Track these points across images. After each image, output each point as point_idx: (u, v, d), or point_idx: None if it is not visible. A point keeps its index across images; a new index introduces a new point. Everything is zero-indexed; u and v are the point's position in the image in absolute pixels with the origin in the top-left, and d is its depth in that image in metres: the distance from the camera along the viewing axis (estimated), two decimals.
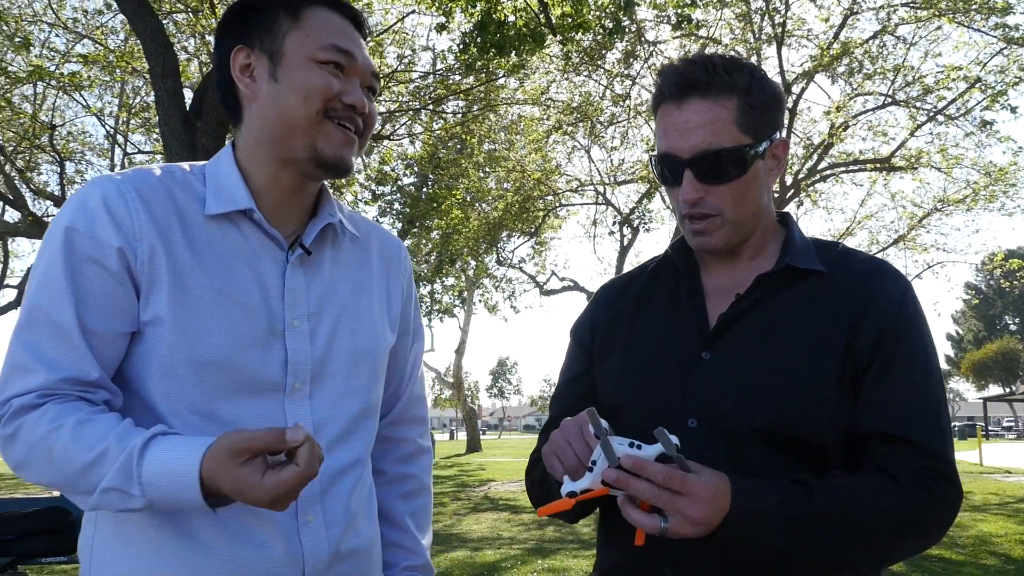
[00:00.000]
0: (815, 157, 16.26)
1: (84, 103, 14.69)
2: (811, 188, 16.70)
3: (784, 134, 1.43)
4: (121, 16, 8.22)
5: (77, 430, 1.14)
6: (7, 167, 15.15)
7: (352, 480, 1.37)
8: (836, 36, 14.66)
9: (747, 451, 1.30)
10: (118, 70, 13.04)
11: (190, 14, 11.80)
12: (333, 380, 1.35)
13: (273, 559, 1.25)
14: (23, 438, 1.16)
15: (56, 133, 14.58)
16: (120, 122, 16.15)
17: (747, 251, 1.45)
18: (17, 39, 12.49)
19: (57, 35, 13.96)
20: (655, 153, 1.41)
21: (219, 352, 1.24)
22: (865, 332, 1.32)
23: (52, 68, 12.35)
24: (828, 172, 17.07)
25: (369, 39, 1.43)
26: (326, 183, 1.45)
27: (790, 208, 17.56)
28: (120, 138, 16.55)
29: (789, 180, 15.81)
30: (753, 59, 15.45)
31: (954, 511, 1.30)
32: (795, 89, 15.20)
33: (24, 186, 15.49)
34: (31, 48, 12.68)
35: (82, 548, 1.30)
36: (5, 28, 12.39)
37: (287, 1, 1.33)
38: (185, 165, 1.36)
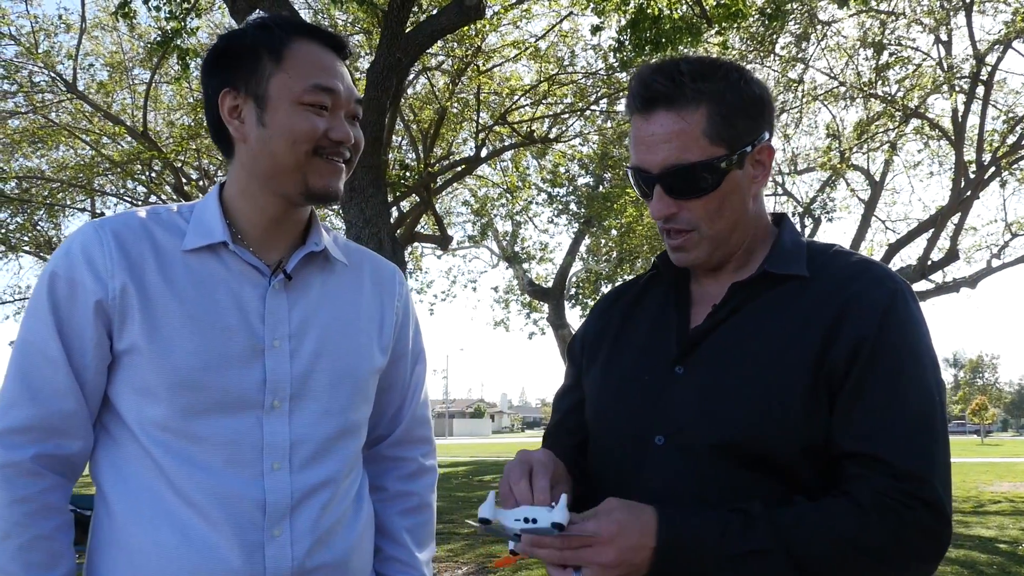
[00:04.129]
0: (1018, 131, 14.86)
1: None
2: (1015, 166, 15.27)
3: (769, 136, 1.34)
4: None
5: (18, 552, 1.32)
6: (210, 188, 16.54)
7: (324, 498, 1.42)
8: None
9: (711, 469, 1.25)
10: None
11: (363, 35, 12.45)
12: (313, 399, 1.43)
13: (230, 571, 1.33)
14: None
15: None
16: None
17: (732, 263, 1.39)
18: None
19: None
20: (629, 166, 1.37)
21: (190, 373, 1.34)
22: (843, 340, 1.23)
23: None
24: None
25: (349, 62, 1.50)
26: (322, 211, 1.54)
27: (992, 189, 16.17)
28: None
29: (988, 158, 14.55)
30: (941, 31, 14.37)
31: (933, 539, 1.18)
32: (990, 59, 13.96)
33: None
34: None
35: (86, 552, 1.46)
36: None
37: (269, 42, 1.40)
38: (174, 206, 1.49)
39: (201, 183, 16.22)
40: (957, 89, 14.06)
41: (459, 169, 14.81)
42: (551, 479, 1.23)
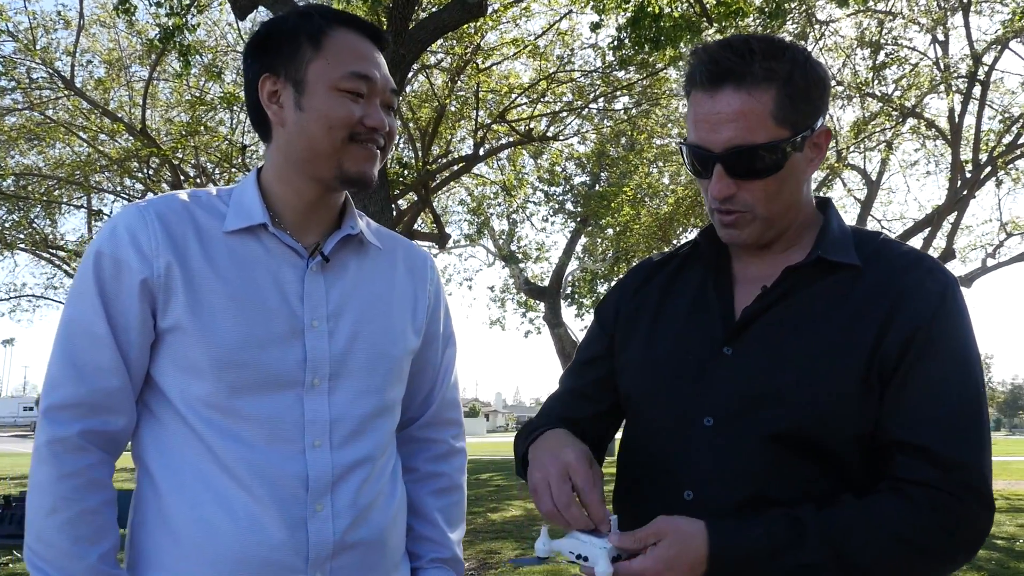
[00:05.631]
0: (1014, 131, 14.93)
1: None
2: (1011, 165, 15.34)
3: (826, 120, 1.34)
4: None
5: (66, 525, 1.33)
6: (209, 186, 16.52)
7: (362, 475, 1.45)
8: None
9: (760, 454, 1.26)
10: None
11: None
12: (352, 378, 1.45)
13: (274, 545, 1.35)
14: (46, 470, 1.35)
15: (248, 153, 15.74)
16: None
17: (778, 246, 1.39)
18: (213, 69, 13.63)
19: None
20: (685, 141, 1.34)
21: (234, 351, 1.37)
22: (896, 330, 1.23)
23: (242, 94, 13.33)
24: None
25: (387, 51, 1.53)
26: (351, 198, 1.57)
27: (988, 188, 16.25)
28: None
29: (984, 158, 14.61)
30: (938, 31, 14.42)
31: (982, 528, 1.20)
32: (987, 59, 14.02)
33: None
34: (224, 76, 13.79)
35: (127, 531, 1.47)
36: (202, 60, 13.53)
37: (309, 29, 1.43)
38: (212, 189, 1.52)
39: (199, 181, 16.20)
40: (954, 89, 14.12)
41: (457, 167, 14.82)
42: (596, 487, 1.24)
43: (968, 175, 14.74)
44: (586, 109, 15.14)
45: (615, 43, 9.94)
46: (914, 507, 1.17)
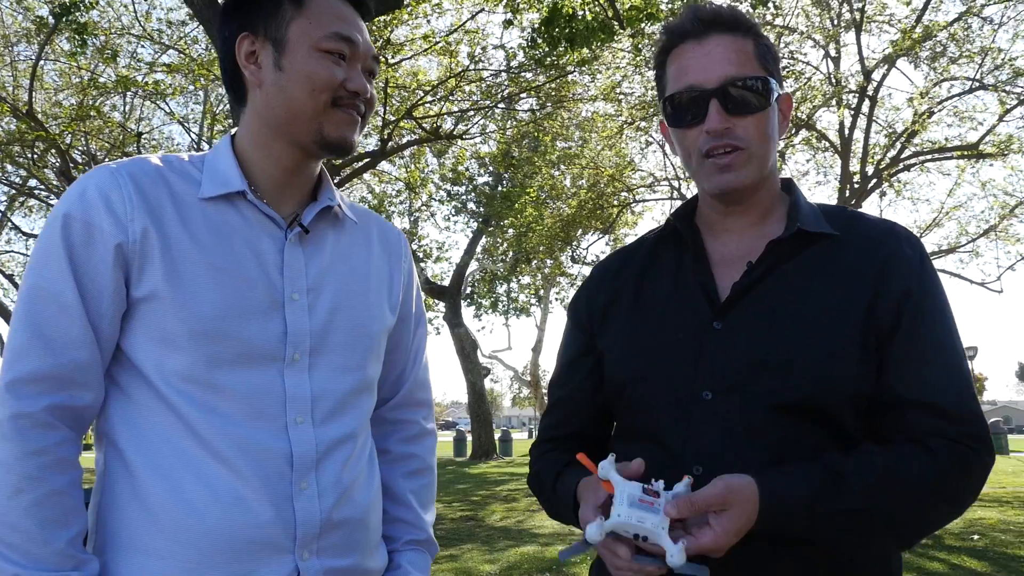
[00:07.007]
0: (898, 146, 15.75)
1: (169, 111, 15.21)
2: (894, 178, 16.17)
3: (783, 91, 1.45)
4: (203, 27, 8.44)
5: (32, 508, 1.22)
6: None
7: (346, 452, 1.40)
8: (919, 19, 14.19)
9: (765, 421, 1.27)
10: (201, 78, 13.49)
11: None
12: (332, 354, 1.40)
13: (262, 524, 1.29)
14: (10, 448, 1.23)
15: (143, 141, 15.13)
16: (204, 128, 16.70)
17: (753, 214, 1.42)
18: (107, 52, 13.04)
19: (143, 46, 14.49)
20: (669, 95, 1.38)
21: (213, 322, 1.29)
22: (887, 294, 1.29)
23: (139, 78, 12.82)
24: (912, 161, 16.53)
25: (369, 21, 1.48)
26: (327, 172, 1.52)
27: (872, 199, 17.09)
28: (205, 144, 17.11)
29: (870, 170, 15.34)
30: (831, 47, 15.08)
31: (987, 474, 1.27)
32: (876, 76, 14.75)
33: None
34: (119, 59, 13.22)
35: (90, 514, 1.35)
36: (95, 41, 12.92)
37: None
38: (185, 155, 1.43)
39: (87, 168, 15.46)
40: (845, 103, 14.78)
41: (361, 164, 14.61)
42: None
43: (856, 186, 15.44)
44: (495, 108, 15.15)
45: (529, 43, 9.99)
46: (938, 459, 1.23)
